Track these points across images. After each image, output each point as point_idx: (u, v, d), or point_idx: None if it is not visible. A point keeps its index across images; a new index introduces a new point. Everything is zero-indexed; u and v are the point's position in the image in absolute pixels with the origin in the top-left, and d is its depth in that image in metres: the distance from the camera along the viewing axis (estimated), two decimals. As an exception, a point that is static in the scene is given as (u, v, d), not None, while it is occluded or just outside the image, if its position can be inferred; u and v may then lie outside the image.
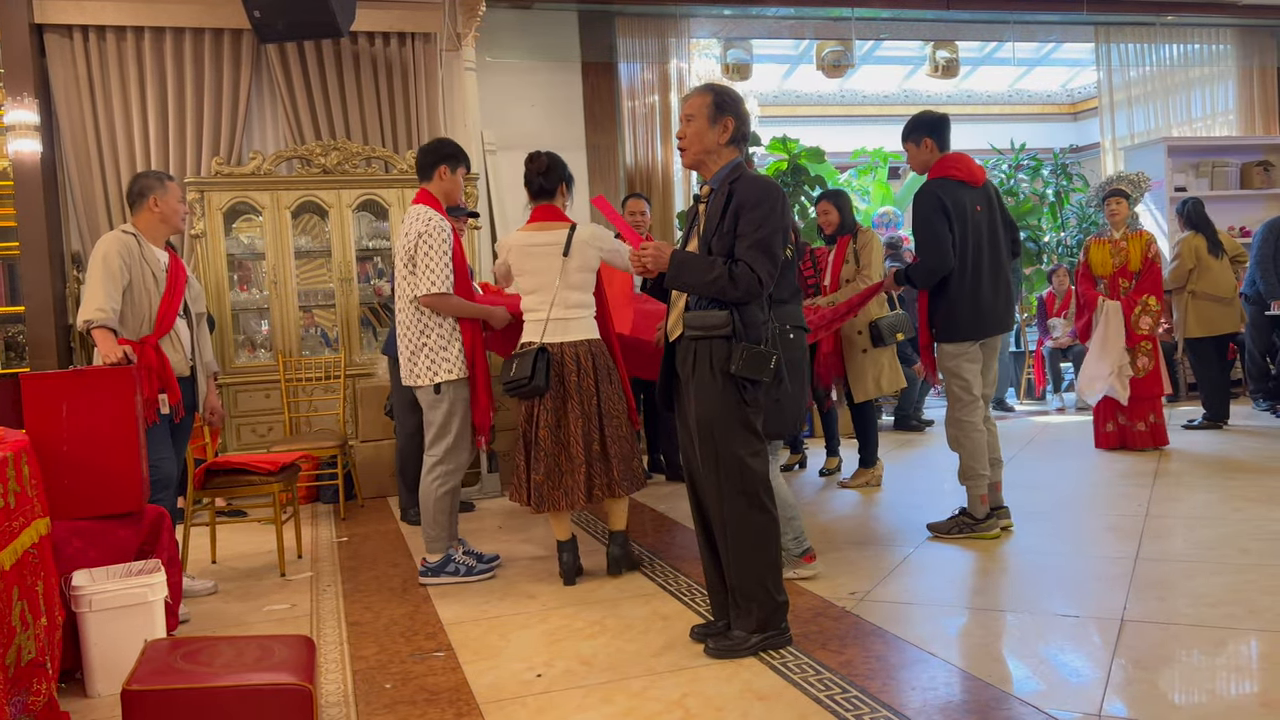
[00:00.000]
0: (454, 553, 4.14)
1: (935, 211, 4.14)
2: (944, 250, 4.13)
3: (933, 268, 4.16)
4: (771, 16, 8.56)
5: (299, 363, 6.27)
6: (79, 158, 6.42)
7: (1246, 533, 4.12)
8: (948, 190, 4.18)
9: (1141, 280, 6.13)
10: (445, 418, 4.02)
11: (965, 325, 4.22)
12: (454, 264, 3.97)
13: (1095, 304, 6.21)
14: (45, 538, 2.81)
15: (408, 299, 4.03)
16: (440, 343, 3.99)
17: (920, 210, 4.20)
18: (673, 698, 2.75)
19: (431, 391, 4.01)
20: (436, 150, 4.18)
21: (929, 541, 4.30)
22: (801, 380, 3.67)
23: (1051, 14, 9.07)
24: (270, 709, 2.42)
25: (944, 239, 4.13)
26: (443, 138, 4.47)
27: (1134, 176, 6.71)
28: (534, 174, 4.10)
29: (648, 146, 8.24)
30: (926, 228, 4.16)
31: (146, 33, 6.49)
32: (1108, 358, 6.07)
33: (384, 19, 6.87)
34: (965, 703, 2.61)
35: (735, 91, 3.15)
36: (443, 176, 4.15)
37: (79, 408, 3.21)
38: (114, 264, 3.74)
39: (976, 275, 4.21)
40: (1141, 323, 6.10)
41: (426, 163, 4.16)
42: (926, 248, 4.16)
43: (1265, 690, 2.59)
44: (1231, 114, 9.84)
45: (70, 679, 3.10)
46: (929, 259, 4.15)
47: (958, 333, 4.23)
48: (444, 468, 4.04)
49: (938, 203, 4.15)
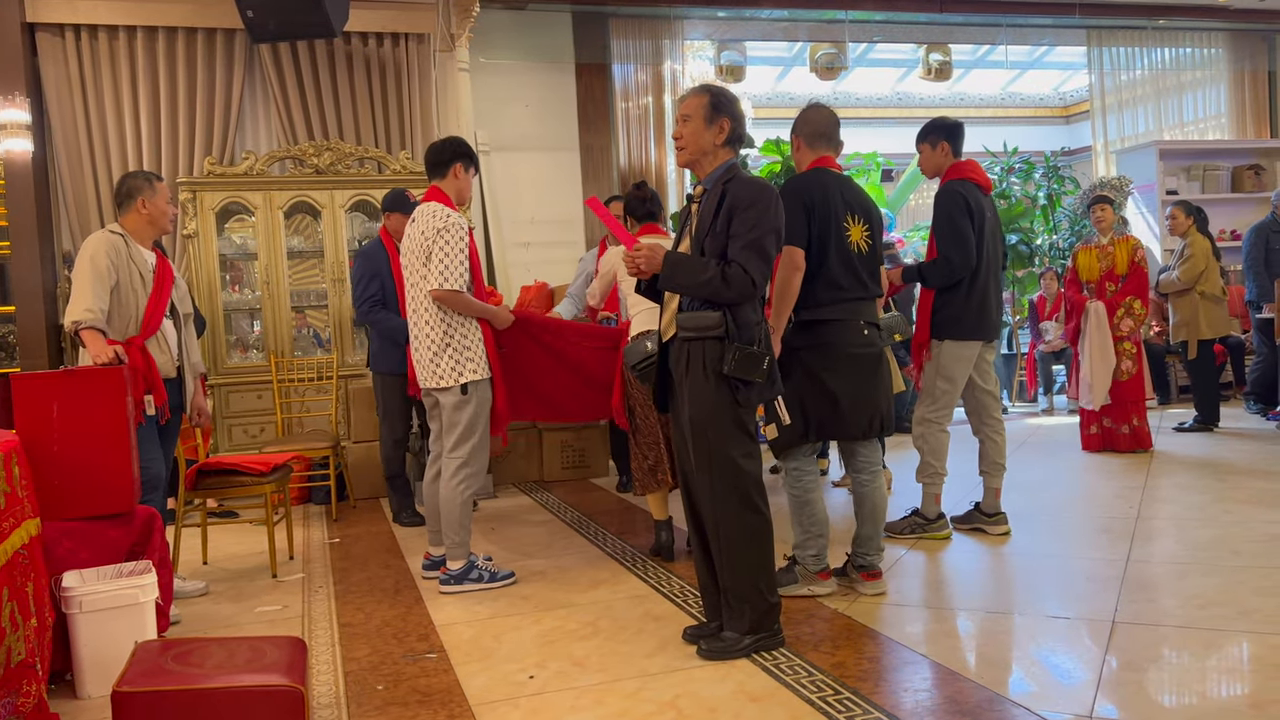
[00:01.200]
0: (476, 558, 4.05)
1: (960, 211, 4.16)
2: (969, 249, 4.15)
3: (956, 266, 4.16)
4: (765, 19, 8.57)
5: (291, 363, 6.25)
6: (70, 157, 6.40)
7: (1237, 535, 4.13)
8: (970, 191, 4.21)
9: (1127, 283, 6.17)
10: (471, 419, 3.93)
11: (973, 324, 4.25)
12: (470, 264, 3.92)
13: (1083, 307, 6.25)
14: (35, 538, 2.80)
15: (427, 297, 3.92)
16: (465, 342, 3.92)
17: (944, 209, 4.21)
18: (665, 699, 2.75)
19: (458, 392, 3.91)
20: (453, 148, 4.07)
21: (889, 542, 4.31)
22: (870, 379, 3.59)
23: (1044, 17, 9.10)
24: (261, 710, 2.42)
25: (970, 238, 4.15)
26: (454, 136, 4.38)
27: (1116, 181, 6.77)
28: (640, 201, 4.39)
29: (641, 148, 8.25)
30: (952, 226, 4.17)
31: (139, 32, 6.47)
32: (1106, 361, 6.11)
33: (377, 19, 6.86)
34: (957, 704, 2.61)
35: (732, 93, 3.16)
36: (458, 174, 4.05)
37: (70, 408, 3.19)
38: (101, 264, 3.72)
39: (986, 278, 4.26)
40: (1123, 325, 6.15)
41: (441, 159, 4.05)
42: (952, 245, 4.16)
43: (1255, 692, 2.60)
44: (1223, 117, 9.88)
45: (60, 680, 3.09)
46: (954, 256, 4.15)
47: (964, 331, 4.25)
48: (468, 470, 3.96)
49: (963, 202, 4.17)
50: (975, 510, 4.46)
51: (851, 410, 3.51)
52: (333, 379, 6.21)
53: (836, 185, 3.59)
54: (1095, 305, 6.18)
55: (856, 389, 3.52)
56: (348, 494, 5.87)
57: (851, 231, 3.56)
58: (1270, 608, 3.22)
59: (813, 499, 3.59)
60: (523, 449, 6.39)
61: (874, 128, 10.51)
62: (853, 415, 3.52)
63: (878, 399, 3.57)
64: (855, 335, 3.54)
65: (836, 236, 3.52)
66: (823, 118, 3.71)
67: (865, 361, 3.55)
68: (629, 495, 5.71)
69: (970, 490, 4.55)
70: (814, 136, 3.70)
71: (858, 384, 3.53)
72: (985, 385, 4.42)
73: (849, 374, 3.51)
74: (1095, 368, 6.16)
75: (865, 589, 3.63)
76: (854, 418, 3.53)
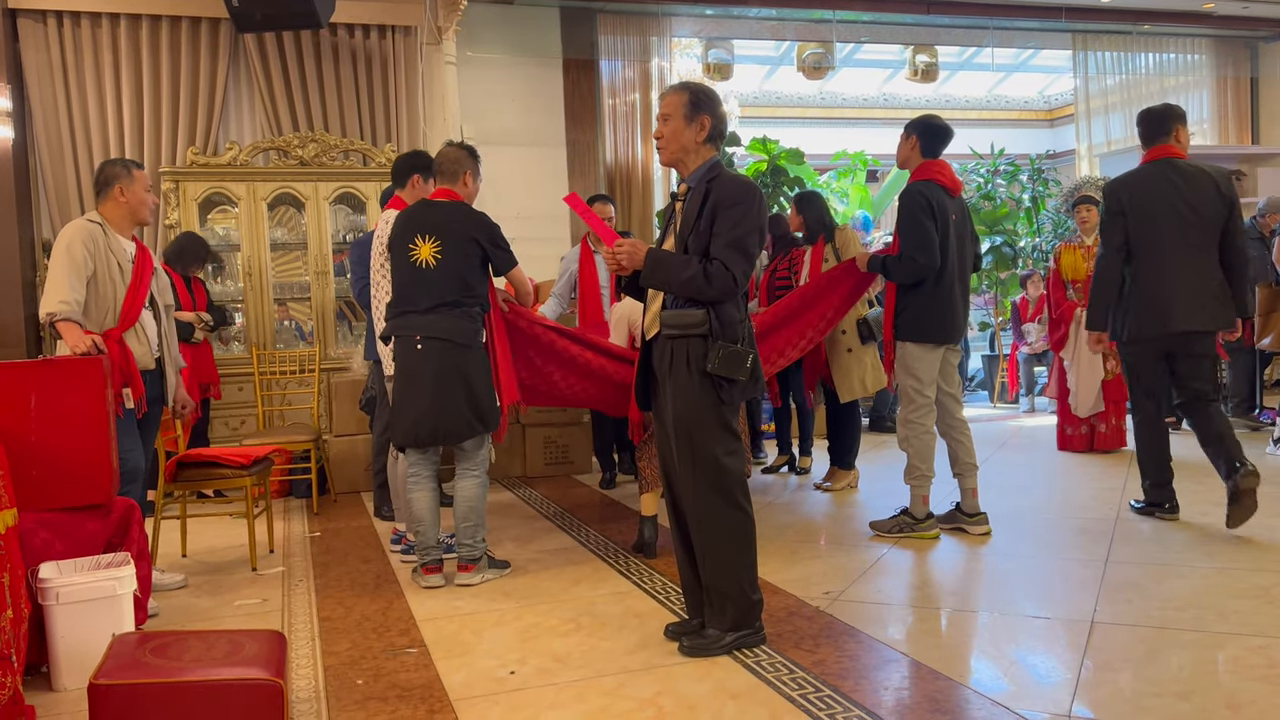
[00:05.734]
0: (445, 536, 4.27)
1: (922, 211, 4.16)
2: (933, 249, 4.15)
3: (920, 265, 4.16)
4: (753, 17, 8.59)
5: (273, 356, 6.22)
6: (51, 144, 6.34)
7: (1215, 536, 4.17)
8: (933, 192, 4.21)
9: None
10: None
11: (934, 327, 4.26)
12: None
13: (1071, 314, 6.25)
14: (12, 529, 2.77)
15: None
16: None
17: (907, 208, 4.21)
18: (646, 696, 2.75)
19: None
20: (409, 161, 4.48)
21: (876, 541, 4.34)
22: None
23: (1030, 21, 9.16)
24: (240, 704, 2.40)
25: (933, 238, 4.15)
26: (417, 150, 4.80)
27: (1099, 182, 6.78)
28: None
29: (628, 144, 8.25)
30: (916, 226, 4.16)
31: (122, 19, 6.42)
32: (1094, 371, 6.15)
33: (364, 11, 6.82)
34: (936, 702, 2.63)
35: (712, 90, 3.14)
36: (415, 185, 4.39)
37: (48, 398, 3.16)
38: (78, 254, 3.65)
39: (949, 280, 4.25)
40: None
41: (399, 171, 4.45)
42: (916, 245, 4.16)
43: (1232, 693, 2.62)
44: (1206, 123, 9.97)
45: (36, 673, 3.06)
46: (919, 256, 4.15)
47: (924, 334, 4.26)
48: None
49: (924, 202, 4.17)
50: (956, 510, 4.48)
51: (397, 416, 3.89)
52: (315, 372, 6.18)
53: (424, 210, 3.96)
54: (1084, 313, 6.18)
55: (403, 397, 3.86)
56: (329, 488, 5.84)
57: (420, 250, 3.84)
58: (1247, 610, 3.25)
59: (414, 497, 3.93)
60: (506, 445, 6.37)
61: (860, 128, 10.55)
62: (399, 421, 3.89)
63: (426, 408, 3.80)
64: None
65: (397, 252, 3.91)
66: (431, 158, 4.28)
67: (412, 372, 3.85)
68: (613, 492, 5.70)
69: (952, 491, 4.57)
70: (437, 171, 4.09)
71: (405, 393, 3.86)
72: (947, 388, 4.42)
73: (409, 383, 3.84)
74: (1083, 376, 6.20)
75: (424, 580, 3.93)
76: (398, 423, 3.89)
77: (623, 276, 3.17)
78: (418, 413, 3.81)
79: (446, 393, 3.78)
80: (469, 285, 3.85)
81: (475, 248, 3.86)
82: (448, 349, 3.79)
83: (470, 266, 3.85)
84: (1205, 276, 4.27)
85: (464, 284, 3.84)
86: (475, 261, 3.87)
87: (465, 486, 3.94)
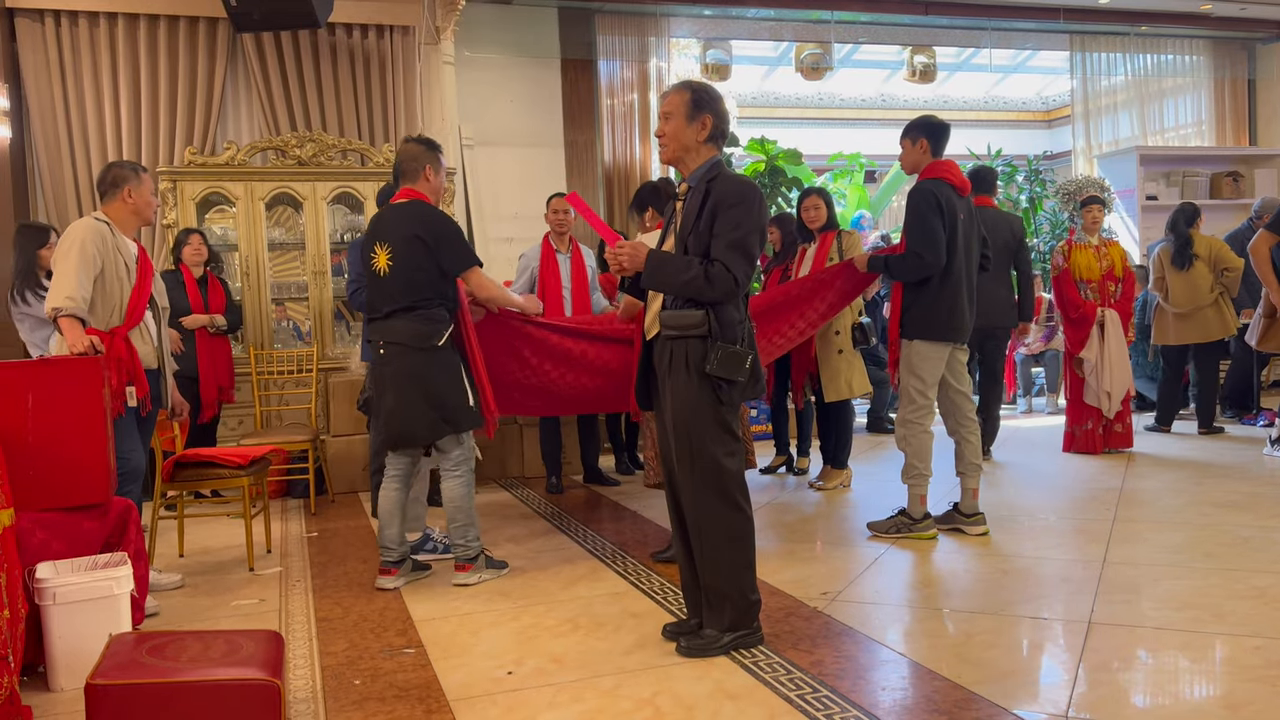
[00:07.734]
0: (433, 531, 4.36)
1: (931, 209, 4.16)
2: (939, 247, 4.14)
3: (927, 262, 4.15)
4: (751, 18, 8.59)
5: (271, 355, 6.21)
6: (49, 144, 6.33)
7: (1213, 537, 4.17)
8: (943, 191, 4.21)
9: (1126, 286, 6.25)
10: None
11: (942, 326, 4.25)
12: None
13: (1094, 314, 6.19)
14: (9, 529, 2.77)
15: None
16: None
17: (916, 206, 4.20)
18: (644, 696, 2.75)
19: None
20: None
21: (874, 541, 4.34)
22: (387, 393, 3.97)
23: (1028, 22, 9.17)
24: (237, 704, 2.40)
25: (940, 236, 4.14)
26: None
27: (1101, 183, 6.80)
28: (665, 198, 4.46)
29: (626, 144, 8.24)
30: (922, 223, 4.16)
31: (120, 19, 6.41)
32: (1125, 369, 6.16)
33: (362, 11, 6.82)
34: (934, 702, 2.63)
35: (714, 89, 3.14)
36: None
37: (45, 398, 3.16)
38: (89, 251, 3.65)
39: (957, 279, 4.25)
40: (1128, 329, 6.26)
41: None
42: (921, 242, 4.15)
43: (1229, 693, 2.63)
44: (1204, 124, 9.98)
45: (33, 673, 3.05)
46: (925, 253, 4.14)
47: (932, 332, 4.26)
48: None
49: (934, 200, 4.17)
50: (954, 511, 4.48)
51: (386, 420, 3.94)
52: (312, 372, 6.17)
53: (382, 216, 3.98)
54: (1109, 314, 6.18)
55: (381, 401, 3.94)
56: (326, 488, 5.84)
57: (378, 258, 3.86)
58: (1245, 610, 3.25)
59: (380, 495, 4.01)
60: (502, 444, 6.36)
61: (858, 129, 10.56)
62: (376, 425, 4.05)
63: (390, 411, 3.87)
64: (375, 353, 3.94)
65: (363, 260, 3.95)
66: None
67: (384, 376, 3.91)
68: (612, 492, 5.70)
69: (950, 490, 4.57)
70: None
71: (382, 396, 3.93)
72: (958, 386, 4.42)
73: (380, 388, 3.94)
74: (1116, 376, 6.16)
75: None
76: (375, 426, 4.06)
77: (625, 277, 3.17)
78: (385, 416, 3.89)
79: (406, 396, 3.82)
80: (419, 286, 3.80)
81: (419, 245, 3.78)
82: (404, 353, 3.81)
83: (418, 266, 3.79)
84: None
85: (413, 286, 3.79)
86: (422, 260, 3.79)
87: (449, 487, 3.96)
